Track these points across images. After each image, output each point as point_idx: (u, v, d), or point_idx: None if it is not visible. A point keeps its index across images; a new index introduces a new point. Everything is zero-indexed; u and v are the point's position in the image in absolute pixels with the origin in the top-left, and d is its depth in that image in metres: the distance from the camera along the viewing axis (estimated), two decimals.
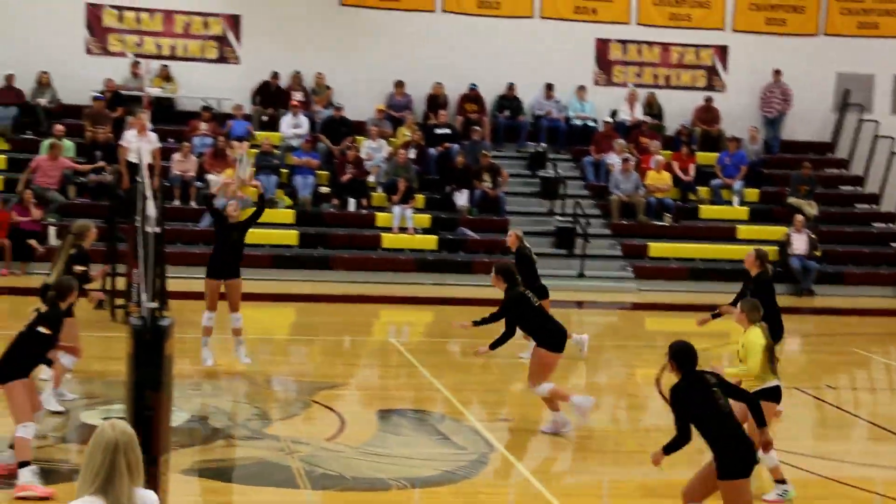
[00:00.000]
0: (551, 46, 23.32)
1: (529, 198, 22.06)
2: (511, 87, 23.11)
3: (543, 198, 21.96)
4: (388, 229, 20.38)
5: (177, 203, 19.78)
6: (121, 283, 15.01)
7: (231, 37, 22.59)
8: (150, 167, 17.12)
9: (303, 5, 22.63)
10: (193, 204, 20.03)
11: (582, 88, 23.58)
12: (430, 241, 20.47)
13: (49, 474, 8.53)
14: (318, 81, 22.75)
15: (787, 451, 9.62)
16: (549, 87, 23.34)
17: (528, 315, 10.37)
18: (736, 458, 6.79)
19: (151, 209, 7.09)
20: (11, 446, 8.34)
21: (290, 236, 19.95)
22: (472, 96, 23.03)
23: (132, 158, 18.20)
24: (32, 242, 18.17)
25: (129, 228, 14.60)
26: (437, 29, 23.09)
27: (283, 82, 22.54)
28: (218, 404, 11.02)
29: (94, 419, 10.16)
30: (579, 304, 19.06)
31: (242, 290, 12.65)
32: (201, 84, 22.02)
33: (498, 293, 10.63)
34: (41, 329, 8.33)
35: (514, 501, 8.89)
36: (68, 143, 19.98)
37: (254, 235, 19.66)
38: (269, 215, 20.24)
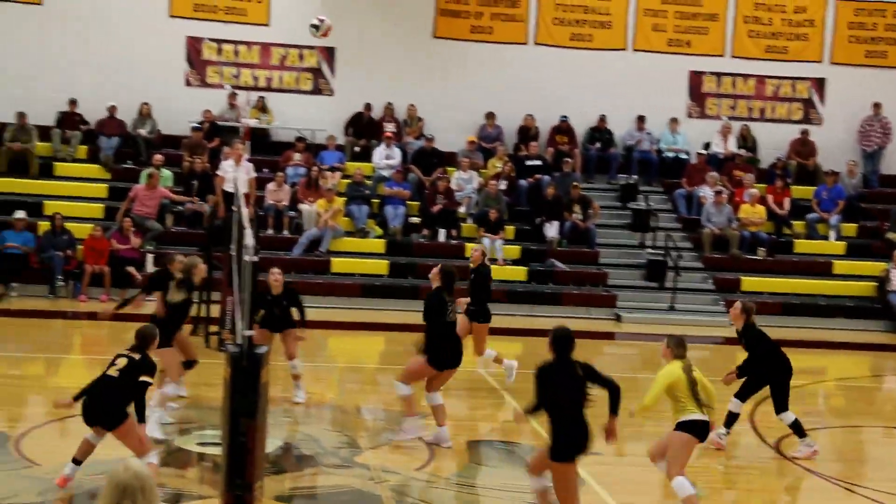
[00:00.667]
0: (644, 78, 23.25)
1: (620, 230, 21.95)
2: (602, 118, 23.09)
3: (634, 230, 21.83)
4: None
5: (270, 232, 20.12)
6: (215, 310, 15.28)
7: (326, 69, 22.98)
8: (246, 196, 17.46)
9: (396, 38, 22.92)
10: (286, 233, 20.36)
11: (674, 120, 23.45)
12: (519, 273, 20.48)
13: None
14: (410, 113, 22.99)
15: (887, 492, 9.39)
16: (641, 118, 23.25)
17: (437, 321, 10.42)
18: (567, 442, 7.41)
19: (249, 238, 7.25)
20: None
21: (381, 266, 20.15)
22: (564, 128, 23.05)
23: (228, 188, 18.55)
24: (131, 270, 18.64)
25: (224, 257, 14.89)
26: (528, 61, 23.19)
27: (376, 113, 22.84)
28: (308, 432, 11.14)
29: (188, 444, 10.36)
30: None
31: (332, 319, 12.78)
32: (296, 115, 22.42)
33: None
34: (145, 379, 8.52)
35: None
36: (166, 173, 20.49)
37: (344, 265, 20.03)
38: (359, 245, 20.61)
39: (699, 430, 8.64)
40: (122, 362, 8.56)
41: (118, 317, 16.21)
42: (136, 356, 8.60)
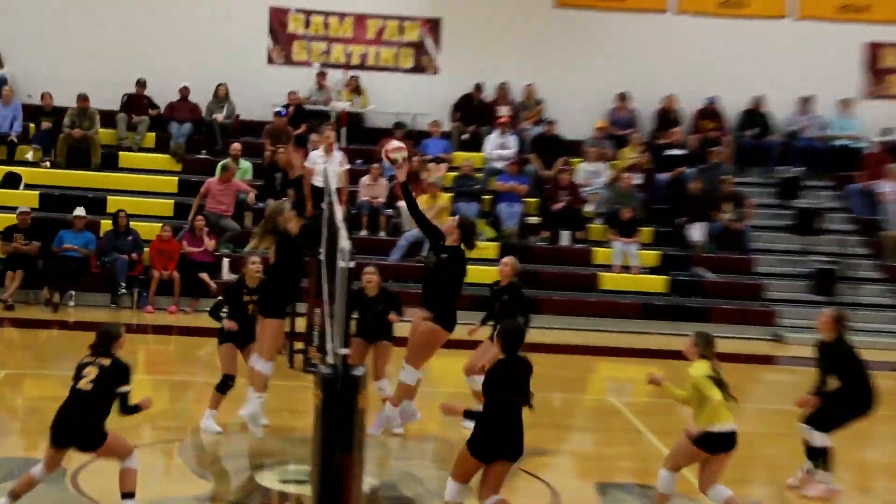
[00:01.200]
0: (810, 52, 22.82)
1: (780, 232, 21.52)
2: (759, 100, 22.66)
3: (798, 233, 21.39)
4: (609, 267, 20.20)
5: (364, 233, 20.15)
6: (301, 324, 15.32)
7: (429, 43, 22.99)
8: (338, 192, 17.48)
9: (512, 7, 22.84)
10: (383, 234, 20.39)
11: (847, 102, 22.88)
12: (658, 283, 20.24)
13: None
14: (528, 94, 22.87)
15: None
16: (806, 100, 22.78)
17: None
18: (486, 440, 8.25)
19: (343, 240, 7.14)
20: None
21: (492, 273, 19.94)
22: (711, 111, 22.71)
23: (317, 182, 18.65)
24: (204, 276, 18.85)
25: (311, 262, 14.90)
26: (669, 32, 22.98)
27: (488, 95, 22.75)
28: (408, 469, 11.04)
29: (270, 481, 10.35)
30: None
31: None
32: (395, 97, 22.48)
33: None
34: (123, 389, 8.61)
35: None
36: (245, 164, 20.69)
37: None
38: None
39: (731, 441, 9.13)
40: (91, 372, 8.54)
41: (190, 331, 16.38)
42: (105, 362, 8.59)
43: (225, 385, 11.68)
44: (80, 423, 8.52)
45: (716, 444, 9.03)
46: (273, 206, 11.65)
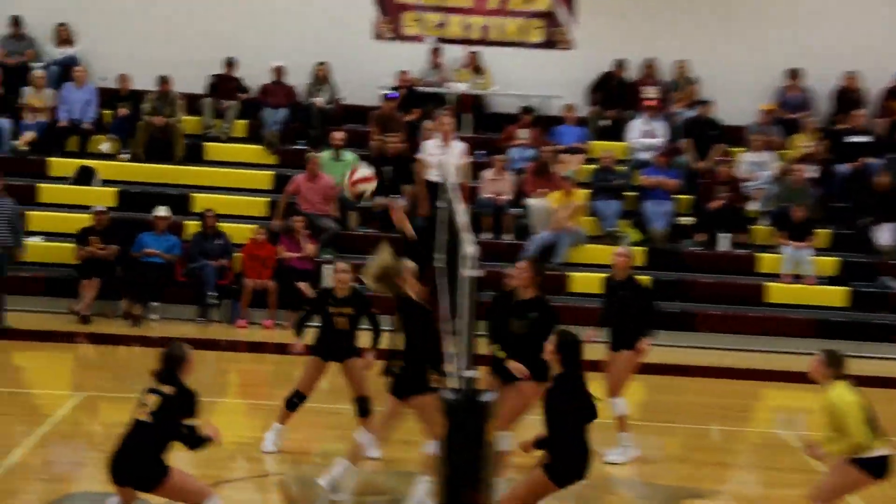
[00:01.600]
0: None
1: None
2: None
3: None
4: (777, 277, 20.02)
5: (487, 236, 20.25)
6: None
7: (562, 13, 23.04)
8: (457, 188, 17.60)
9: None
10: (508, 237, 20.47)
11: None
12: (837, 295, 20.08)
13: None
14: (679, 72, 22.81)
15: None
16: None
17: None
18: (569, 463, 8.50)
19: (468, 244, 7.25)
20: None
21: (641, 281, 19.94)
22: None
23: (433, 176, 18.81)
24: (302, 286, 19.09)
25: (428, 270, 15.03)
26: None
27: (632, 74, 22.73)
28: None
29: None
30: None
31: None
32: (522, 77, 22.53)
33: None
34: (188, 422, 8.77)
35: None
36: (349, 156, 20.91)
37: (588, 282, 19.94)
38: (608, 254, 20.39)
39: (884, 467, 9.25)
40: (151, 401, 8.68)
41: (286, 348, 16.59)
42: (169, 390, 8.70)
43: (292, 402, 12.05)
44: (137, 458, 8.62)
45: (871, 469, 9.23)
46: (385, 264, 10.91)
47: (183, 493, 8.71)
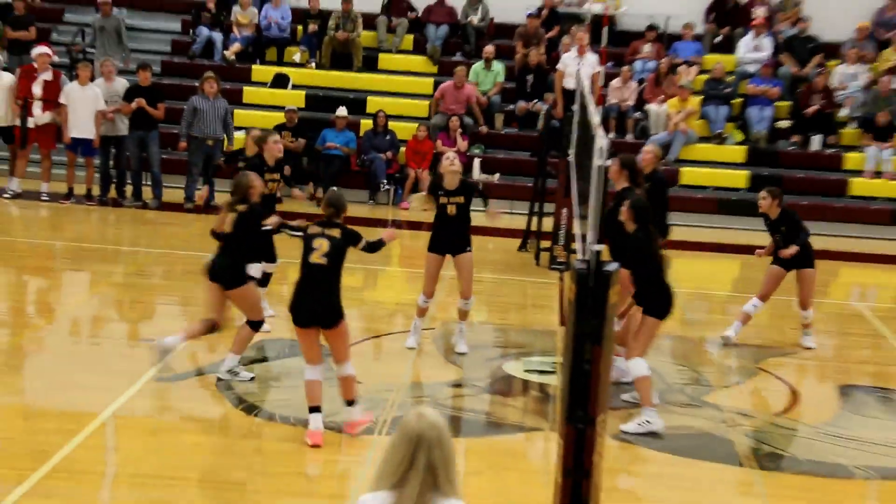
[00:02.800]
0: None
1: None
2: None
3: None
4: (860, 173, 19.65)
5: (612, 136, 20.14)
6: (547, 223, 15.60)
7: None
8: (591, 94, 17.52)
9: None
10: (630, 137, 20.35)
11: None
12: None
13: (463, 424, 9.22)
14: None
15: None
16: None
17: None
18: (661, 300, 9.15)
19: (601, 139, 7.30)
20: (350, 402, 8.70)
21: (740, 178, 19.74)
22: None
23: (568, 84, 18.75)
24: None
25: (560, 163, 15.12)
26: None
27: None
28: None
29: (516, 370, 10.75)
30: None
31: (682, 238, 12.63)
32: (648, 0, 22.20)
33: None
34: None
35: None
36: (498, 66, 20.91)
37: (697, 176, 19.83)
38: (716, 153, 20.29)
39: None
40: (322, 245, 8.43)
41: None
42: (335, 233, 8.50)
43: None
44: (321, 300, 8.43)
45: None
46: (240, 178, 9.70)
47: (344, 343, 8.61)
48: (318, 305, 8.41)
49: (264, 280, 11.18)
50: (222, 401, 9.31)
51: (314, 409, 8.47)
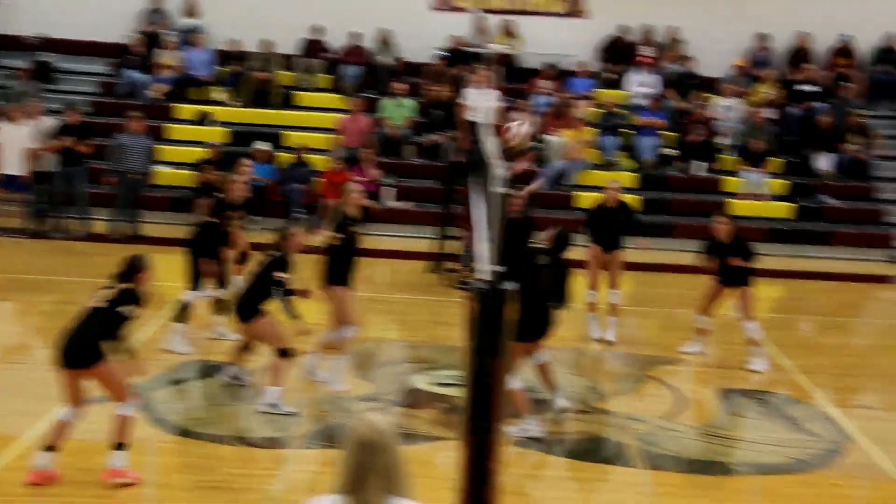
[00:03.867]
0: None
1: None
2: (892, 37, 21.87)
3: None
4: (738, 195, 19.92)
5: (513, 164, 20.21)
6: (453, 247, 15.58)
7: None
8: (493, 126, 17.58)
9: None
10: (531, 165, 20.42)
11: None
12: (785, 209, 19.86)
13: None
14: (670, 35, 22.51)
15: None
16: None
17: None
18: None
19: (498, 168, 7.31)
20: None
21: (632, 201, 19.92)
22: (845, 49, 22.03)
23: (473, 117, 18.79)
24: (370, 203, 19.12)
25: (465, 191, 15.13)
26: None
27: (633, 37, 22.50)
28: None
29: (423, 384, 10.69)
30: None
31: (581, 257, 12.75)
32: (546, 40, 22.35)
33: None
34: (130, 310, 7.82)
35: (873, 498, 8.51)
36: (408, 102, 20.90)
37: (592, 200, 19.92)
38: (608, 178, 20.37)
39: None
40: (106, 294, 7.90)
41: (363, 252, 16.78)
42: (124, 286, 7.93)
43: None
44: (80, 339, 7.67)
45: None
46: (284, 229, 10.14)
47: (114, 384, 7.73)
48: (75, 345, 7.66)
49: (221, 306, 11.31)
50: (140, 422, 9.12)
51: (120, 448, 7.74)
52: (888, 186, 20.32)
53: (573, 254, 10.00)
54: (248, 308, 9.53)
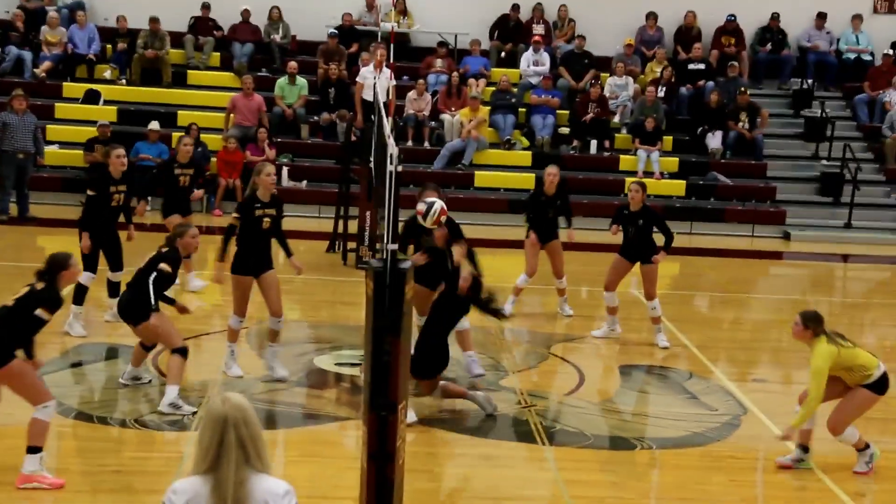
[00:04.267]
0: None
1: (791, 140, 21.44)
2: (775, 17, 22.37)
3: (808, 140, 21.30)
4: (633, 174, 20.17)
5: (410, 144, 20.21)
6: (352, 226, 15.50)
7: None
8: (387, 105, 17.50)
9: None
10: (427, 145, 20.44)
11: (857, 17, 22.59)
12: (678, 187, 20.21)
13: (279, 417, 9.07)
14: (561, 14, 22.69)
15: None
16: (821, 16, 22.46)
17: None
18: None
19: (392, 147, 7.28)
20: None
21: (527, 180, 20.05)
22: (730, 28, 22.44)
23: (367, 96, 18.68)
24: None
25: (362, 170, 15.06)
26: None
27: (524, 15, 22.59)
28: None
29: (326, 364, 10.62)
30: (845, 258, 18.47)
31: (476, 236, 12.80)
32: (438, 18, 22.32)
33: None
34: (38, 313, 7.53)
35: (768, 467, 8.71)
36: (301, 81, 20.72)
37: (488, 179, 20.05)
38: (505, 157, 20.55)
39: (885, 383, 8.42)
40: (21, 291, 7.67)
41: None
42: (39, 286, 7.63)
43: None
44: None
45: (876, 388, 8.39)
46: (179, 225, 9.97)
47: (22, 387, 7.48)
48: None
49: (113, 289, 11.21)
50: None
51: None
52: (777, 164, 20.80)
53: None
54: (133, 308, 9.14)
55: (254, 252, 9.80)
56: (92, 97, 20.48)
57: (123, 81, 20.96)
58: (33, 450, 7.41)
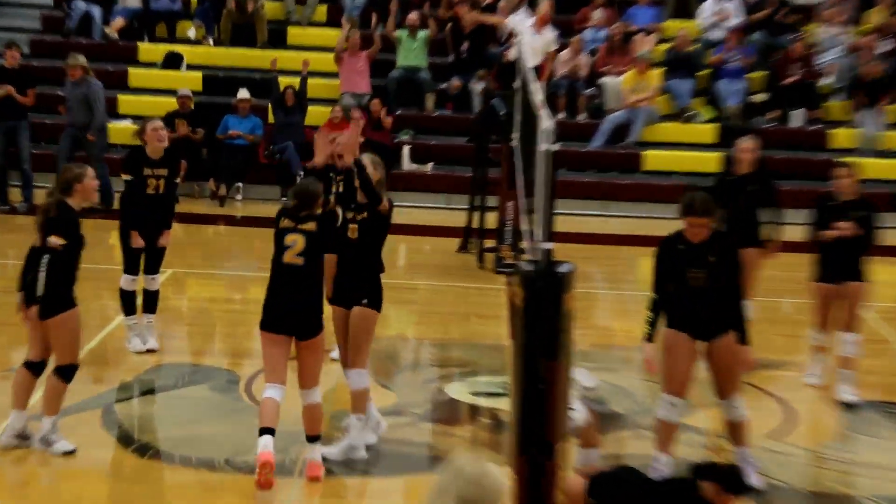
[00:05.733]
0: None
1: None
2: None
3: None
4: (851, 151, 19.54)
5: (561, 116, 19.98)
6: (490, 220, 15.39)
7: None
8: (538, 69, 17.32)
9: None
10: (583, 117, 20.24)
11: None
12: None
13: (400, 460, 8.96)
14: None
15: None
16: None
17: None
18: None
19: (546, 120, 7.04)
20: None
21: (711, 160, 19.59)
22: None
23: (516, 56, 18.50)
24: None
25: (502, 149, 14.89)
26: None
27: None
28: (619, 382, 11.02)
29: (458, 393, 10.48)
30: None
31: (646, 234, 12.47)
32: None
33: None
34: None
35: None
36: (422, 34, 20.55)
37: (661, 160, 19.70)
38: (683, 133, 20.21)
39: None
40: (297, 241, 8.17)
41: None
42: (311, 227, 8.13)
43: None
44: (298, 304, 8.08)
45: None
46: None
47: (320, 354, 8.27)
48: (294, 309, 8.04)
49: None
50: (108, 440, 8.91)
51: (266, 431, 7.92)
52: None
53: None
54: (48, 299, 8.34)
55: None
56: (173, 61, 20.78)
57: (210, 42, 21.23)
58: (313, 438, 8.16)
